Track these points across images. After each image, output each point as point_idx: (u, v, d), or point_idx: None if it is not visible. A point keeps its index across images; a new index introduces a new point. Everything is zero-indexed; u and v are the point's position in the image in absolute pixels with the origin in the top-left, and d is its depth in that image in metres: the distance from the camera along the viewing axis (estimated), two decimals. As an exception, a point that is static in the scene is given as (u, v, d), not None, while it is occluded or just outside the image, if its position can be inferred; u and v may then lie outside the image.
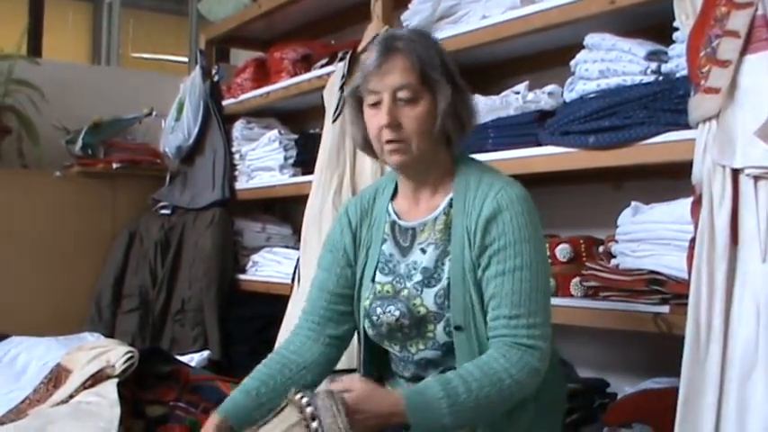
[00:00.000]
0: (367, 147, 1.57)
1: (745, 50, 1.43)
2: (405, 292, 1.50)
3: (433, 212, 1.53)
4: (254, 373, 1.53)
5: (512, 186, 1.47)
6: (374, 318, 1.53)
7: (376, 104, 1.48)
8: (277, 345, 2.42)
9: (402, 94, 1.45)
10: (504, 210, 1.43)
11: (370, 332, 1.56)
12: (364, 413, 1.29)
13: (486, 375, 1.34)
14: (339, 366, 1.65)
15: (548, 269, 1.49)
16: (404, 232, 1.56)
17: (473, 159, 1.60)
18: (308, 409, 1.27)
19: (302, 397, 1.29)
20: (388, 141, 1.47)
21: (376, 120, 1.48)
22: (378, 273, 1.56)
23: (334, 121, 2.50)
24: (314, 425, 1.25)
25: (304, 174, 2.97)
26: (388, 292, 1.53)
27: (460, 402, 1.31)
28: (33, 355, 2.43)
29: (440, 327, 1.46)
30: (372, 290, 1.55)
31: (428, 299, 1.47)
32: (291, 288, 2.57)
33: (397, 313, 1.48)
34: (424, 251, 1.51)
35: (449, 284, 1.46)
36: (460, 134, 1.52)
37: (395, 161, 1.49)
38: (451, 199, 1.51)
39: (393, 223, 1.57)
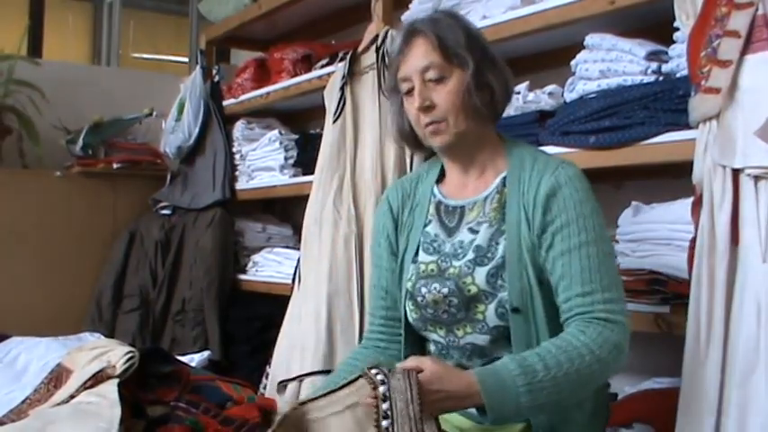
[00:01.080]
0: (411, 138, 1.57)
1: (745, 50, 1.43)
2: (452, 271, 1.45)
3: (484, 191, 1.50)
4: (327, 382, 1.48)
5: (568, 164, 1.46)
6: (419, 298, 1.48)
7: (410, 91, 1.49)
8: (276, 351, 2.42)
9: (430, 75, 1.46)
10: (563, 186, 1.41)
11: (413, 316, 1.51)
12: (438, 393, 1.22)
13: (565, 352, 1.27)
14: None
15: (612, 246, 1.46)
16: (450, 212, 1.53)
17: (524, 143, 1.59)
18: (381, 389, 1.18)
19: (377, 373, 1.20)
20: (427, 125, 1.48)
21: (412, 106, 1.49)
22: (421, 252, 1.52)
23: (335, 121, 2.49)
24: (384, 406, 1.16)
25: (304, 174, 2.97)
26: (432, 270, 1.48)
27: (537, 381, 1.24)
28: (33, 355, 2.43)
29: (491, 307, 1.41)
30: (416, 270, 1.51)
31: (480, 277, 1.42)
32: (292, 288, 2.57)
33: (445, 290, 1.43)
34: (473, 231, 1.47)
35: (503, 263, 1.41)
36: (493, 105, 1.50)
37: (437, 143, 1.50)
38: (504, 177, 1.49)
39: (438, 203, 1.55)
